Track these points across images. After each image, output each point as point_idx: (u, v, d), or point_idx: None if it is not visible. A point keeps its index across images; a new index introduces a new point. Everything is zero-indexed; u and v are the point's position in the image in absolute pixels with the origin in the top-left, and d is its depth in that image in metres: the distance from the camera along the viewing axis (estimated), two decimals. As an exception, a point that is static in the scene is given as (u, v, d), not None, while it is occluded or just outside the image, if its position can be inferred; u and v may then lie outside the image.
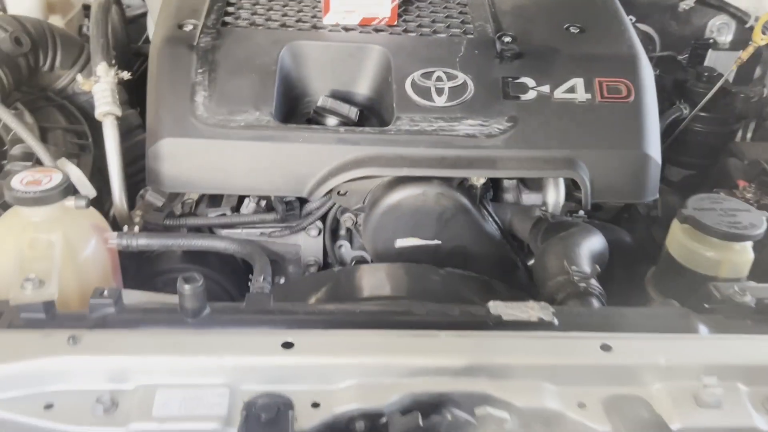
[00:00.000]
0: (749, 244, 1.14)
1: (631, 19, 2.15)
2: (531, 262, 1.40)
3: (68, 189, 1.07)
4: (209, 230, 1.38)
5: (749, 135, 1.83)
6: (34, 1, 1.73)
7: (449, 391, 0.88)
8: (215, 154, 1.27)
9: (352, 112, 1.33)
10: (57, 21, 1.80)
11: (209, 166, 1.27)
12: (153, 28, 1.72)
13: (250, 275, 1.18)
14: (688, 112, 1.70)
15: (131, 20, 1.92)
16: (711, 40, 2.30)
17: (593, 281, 1.08)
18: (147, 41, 2.00)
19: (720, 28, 2.34)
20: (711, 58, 2.30)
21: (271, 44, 1.36)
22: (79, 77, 1.45)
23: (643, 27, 2.29)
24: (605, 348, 0.92)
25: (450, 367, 0.90)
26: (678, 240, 1.18)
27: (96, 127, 1.46)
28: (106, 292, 0.96)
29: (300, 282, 1.21)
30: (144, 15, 1.89)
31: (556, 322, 0.97)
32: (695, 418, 0.86)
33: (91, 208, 1.13)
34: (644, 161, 1.32)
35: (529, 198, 1.45)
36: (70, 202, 1.08)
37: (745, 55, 1.55)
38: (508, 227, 1.43)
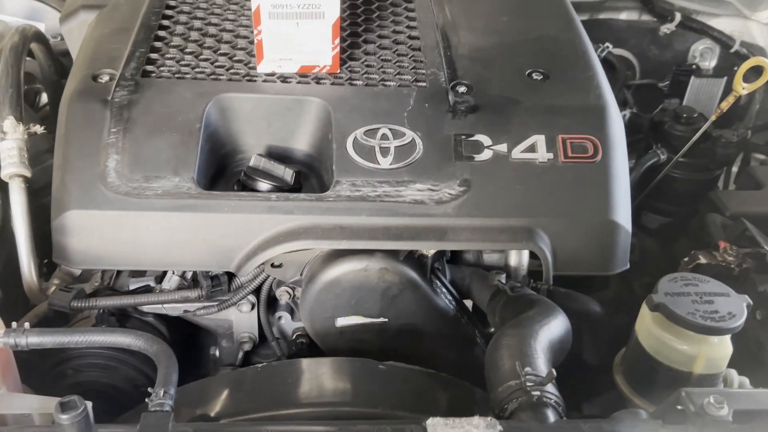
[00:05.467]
0: (728, 337, 1.01)
1: (607, 47, 2.04)
2: (492, 330, 1.27)
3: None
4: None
5: (732, 180, 1.69)
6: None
7: None
8: (128, 227, 1.12)
9: (288, 174, 1.18)
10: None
11: (122, 240, 1.13)
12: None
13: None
14: (666, 157, 1.56)
15: (65, 53, 1.76)
16: (694, 66, 2.18)
17: (550, 387, 0.94)
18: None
19: (703, 53, 2.22)
20: (693, 85, 2.17)
21: (196, 98, 1.21)
22: (-18, 133, 1.30)
23: (621, 53, 2.16)
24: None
25: None
26: (648, 328, 1.04)
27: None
28: (-27, 417, 0.82)
29: (216, 380, 1.07)
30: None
31: (503, 443, 0.84)
32: None
33: (-26, 302, 0.99)
34: (612, 229, 1.18)
35: (490, 258, 1.31)
36: (-54, 299, 0.93)
37: (725, 105, 1.41)
38: (467, 293, 1.29)
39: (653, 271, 1.39)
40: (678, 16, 2.13)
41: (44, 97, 1.79)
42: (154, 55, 1.29)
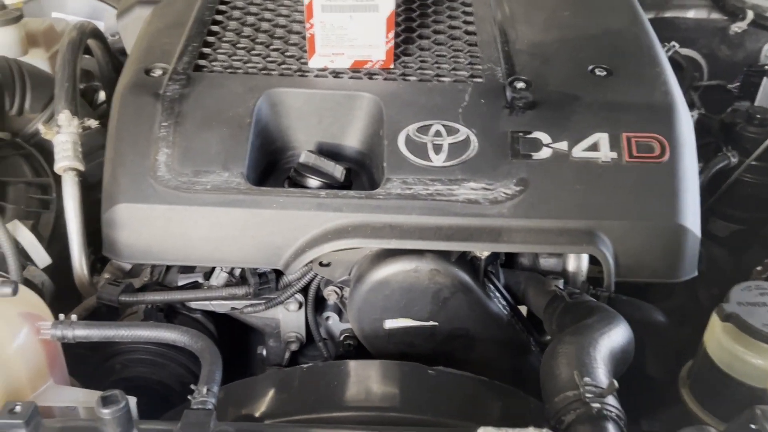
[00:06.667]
0: (808, 352, 0.93)
1: (673, 46, 1.94)
2: (548, 338, 1.21)
3: (-9, 275, 0.93)
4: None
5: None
6: (11, 33, 1.60)
7: None
8: (177, 221, 1.11)
9: (338, 171, 1.15)
10: (39, 55, 1.68)
11: (171, 234, 1.12)
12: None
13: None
14: (737, 160, 1.47)
15: (124, 51, 1.78)
16: (766, 67, 2.06)
17: (611, 399, 0.87)
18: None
19: (777, 54, 2.10)
20: (766, 87, 2.06)
21: (246, 92, 1.20)
22: (41, 126, 1.31)
23: (689, 52, 2.06)
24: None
25: None
26: (718, 340, 0.97)
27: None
28: (18, 408, 0.81)
29: (262, 380, 1.04)
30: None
31: (558, 459, 0.78)
32: None
33: (25, 292, 0.99)
34: (679, 234, 1.11)
35: (547, 263, 1.25)
36: (-6, 289, 0.93)
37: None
38: (522, 298, 1.23)
39: (722, 281, 1.31)
40: (750, 14, 2.02)
41: (102, 95, 1.81)
42: (206, 50, 1.28)
